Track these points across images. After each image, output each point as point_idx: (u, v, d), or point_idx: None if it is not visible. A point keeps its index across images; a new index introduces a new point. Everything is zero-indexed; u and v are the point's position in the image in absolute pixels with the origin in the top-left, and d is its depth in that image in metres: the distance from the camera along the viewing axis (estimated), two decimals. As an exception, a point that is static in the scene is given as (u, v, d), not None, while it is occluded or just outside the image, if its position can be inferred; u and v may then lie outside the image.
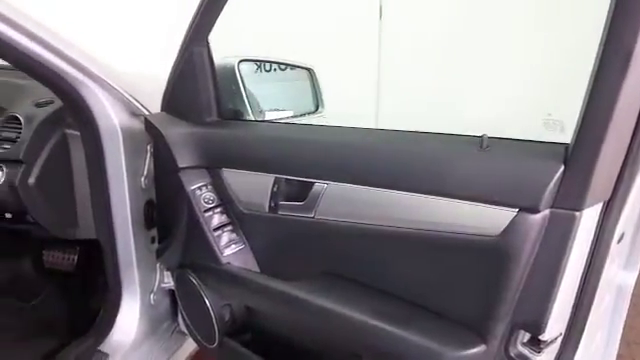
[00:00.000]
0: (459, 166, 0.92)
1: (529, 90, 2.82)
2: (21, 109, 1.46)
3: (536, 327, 0.88)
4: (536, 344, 0.91)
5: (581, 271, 0.88)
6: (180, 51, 1.29)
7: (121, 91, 1.36)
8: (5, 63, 1.22)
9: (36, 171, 1.40)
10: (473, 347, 0.91)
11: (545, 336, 0.89)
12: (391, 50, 3.28)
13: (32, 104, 1.47)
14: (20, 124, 1.43)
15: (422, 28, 3.13)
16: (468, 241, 0.89)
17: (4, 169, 1.40)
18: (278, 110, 1.65)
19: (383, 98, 3.38)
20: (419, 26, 3.14)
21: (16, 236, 1.78)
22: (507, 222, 0.84)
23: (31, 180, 1.39)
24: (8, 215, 1.47)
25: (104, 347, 1.56)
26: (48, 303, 2.05)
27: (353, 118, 1.23)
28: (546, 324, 0.87)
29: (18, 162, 1.39)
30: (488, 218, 0.87)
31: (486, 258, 0.88)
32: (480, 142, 0.91)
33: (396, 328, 0.96)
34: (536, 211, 0.82)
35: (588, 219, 0.82)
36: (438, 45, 3.08)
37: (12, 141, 1.41)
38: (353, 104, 2.76)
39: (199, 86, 1.31)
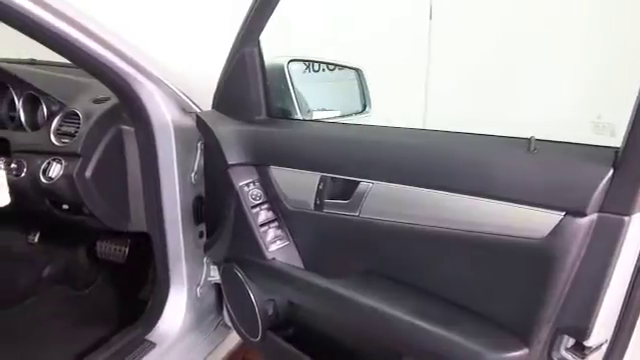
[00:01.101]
0: (506, 168, 0.92)
1: (578, 92, 2.75)
2: (80, 105, 1.52)
3: (581, 332, 0.87)
4: (580, 350, 0.89)
5: (629, 276, 0.86)
6: (232, 51, 1.32)
7: (174, 89, 1.41)
8: (67, 61, 1.28)
9: (92, 165, 1.45)
10: (515, 350, 0.90)
11: (590, 342, 0.87)
12: (440, 50, 3.26)
13: (90, 101, 1.53)
14: (79, 119, 1.48)
15: (472, 28, 3.09)
16: (512, 243, 0.89)
17: (63, 162, 1.46)
18: (326, 110, 1.67)
19: (431, 98, 3.36)
20: (469, 26, 3.10)
21: (72, 227, 1.85)
22: (552, 225, 0.83)
23: (88, 173, 1.45)
24: (65, 206, 1.53)
25: (151, 336, 1.61)
26: (100, 292, 2.13)
27: (401, 118, 1.23)
28: (591, 330, 0.85)
29: (76, 155, 1.44)
30: (533, 220, 0.86)
31: (530, 261, 0.87)
32: (528, 144, 0.90)
33: (438, 328, 0.96)
34: (583, 215, 0.81)
35: (637, 224, 0.80)
36: (488, 46, 3.04)
37: (71, 135, 1.47)
38: (401, 104, 2.76)
39: (249, 85, 1.33)
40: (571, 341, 0.91)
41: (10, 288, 2.02)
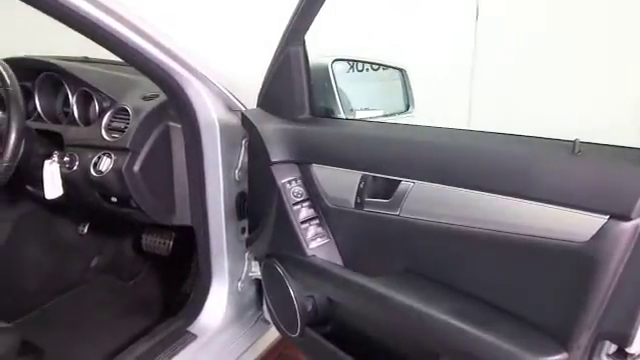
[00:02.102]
0: (549, 169, 0.91)
1: (629, 94, 2.67)
2: (130, 102, 1.56)
3: (623, 339, 0.85)
4: (622, 357, 0.88)
5: None
6: (277, 50, 1.34)
7: (220, 87, 1.44)
8: (118, 59, 1.32)
9: (141, 159, 1.49)
10: (555, 354, 0.89)
11: (633, 349, 0.85)
12: (486, 51, 3.21)
13: (140, 97, 1.57)
14: (128, 115, 1.52)
15: (519, 29, 3.03)
16: (554, 246, 0.87)
17: (112, 156, 1.50)
18: (369, 109, 1.67)
19: (475, 99, 3.31)
20: (516, 27, 3.05)
21: (119, 220, 1.92)
22: (595, 229, 0.82)
23: (136, 167, 1.48)
24: (114, 199, 1.58)
25: (192, 328, 1.65)
26: (144, 284, 2.20)
27: (444, 118, 1.23)
28: (634, 336, 0.83)
29: (125, 150, 1.48)
30: (574, 223, 0.84)
31: (572, 264, 0.86)
32: (572, 146, 0.89)
33: (476, 329, 0.96)
34: (628, 219, 0.79)
35: None
36: (535, 46, 2.98)
37: (121, 131, 1.51)
38: (445, 104, 2.73)
39: (294, 84, 1.35)
40: (613, 347, 0.89)
41: (60, 276, 2.10)
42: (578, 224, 0.84)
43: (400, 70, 1.86)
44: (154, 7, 1.26)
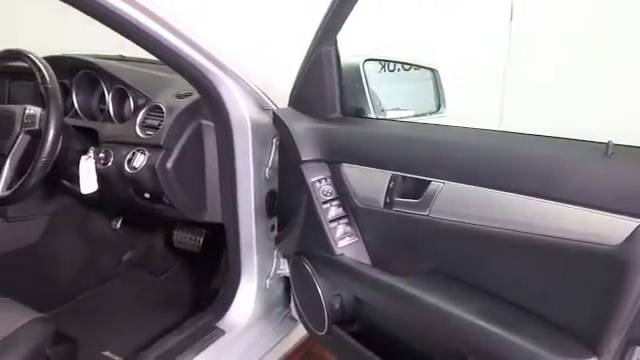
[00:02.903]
0: (581, 171, 0.90)
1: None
2: (164, 100, 1.58)
3: None
4: None
5: None
6: (309, 50, 1.35)
7: (252, 86, 1.45)
8: (152, 58, 1.34)
9: (174, 156, 1.51)
10: (583, 358, 0.88)
11: None
12: (520, 52, 3.17)
13: (174, 95, 1.59)
14: (162, 113, 1.54)
15: (555, 30, 2.98)
16: (584, 248, 0.86)
17: (146, 153, 1.52)
18: (400, 109, 1.67)
19: (508, 101, 3.27)
20: (552, 28, 3.00)
21: (152, 216, 1.96)
22: (627, 232, 0.81)
23: (169, 164, 1.51)
24: (147, 195, 1.60)
25: (221, 324, 1.67)
26: (174, 279, 2.23)
27: (476, 119, 1.21)
28: None
29: (159, 147, 1.50)
30: (606, 226, 0.83)
31: (603, 267, 0.85)
32: (605, 148, 0.88)
33: (504, 331, 0.95)
34: None
35: None
36: (571, 48, 2.93)
37: (155, 128, 1.53)
38: (477, 105, 2.71)
39: (325, 84, 1.36)
40: (644, 353, 0.88)
41: (94, 270, 2.15)
42: (610, 227, 0.83)
43: (432, 70, 1.85)
44: (187, 6, 1.29)
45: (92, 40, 1.71)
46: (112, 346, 1.72)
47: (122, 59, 1.94)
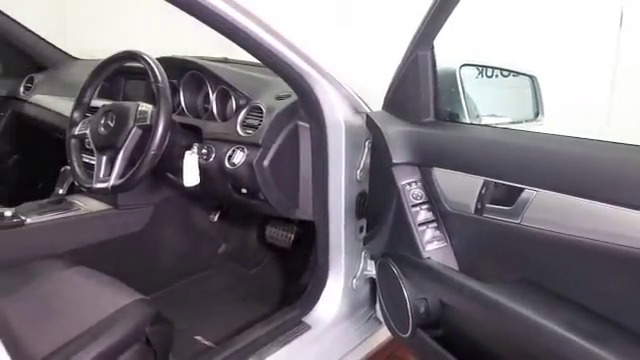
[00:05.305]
0: None
1: None
2: (264, 101, 1.65)
3: None
4: None
5: None
6: (405, 54, 1.37)
7: (348, 89, 1.49)
8: (253, 60, 1.41)
9: (270, 155, 1.57)
10: None
11: None
12: (630, 62, 2.99)
13: (273, 97, 1.65)
14: (262, 113, 1.61)
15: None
16: None
17: (245, 151, 1.59)
18: (496, 116, 1.64)
19: (616, 112, 3.09)
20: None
21: (246, 211, 2.02)
22: None
23: (266, 162, 1.57)
24: (244, 190, 1.67)
25: (307, 319, 1.71)
26: (265, 273, 2.31)
27: (578, 129, 1.17)
28: None
29: (257, 146, 1.56)
30: None
31: None
32: None
33: (593, 345, 0.92)
34: None
35: None
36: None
37: (254, 127, 1.60)
38: (581, 114, 2.59)
39: (420, 88, 1.37)
40: None
41: (192, 259, 2.27)
42: None
43: (530, 77, 1.80)
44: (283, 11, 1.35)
45: (195, 41, 1.82)
46: (204, 332, 1.81)
47: (226, 61, 2.03)
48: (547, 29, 2.94)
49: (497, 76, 1.78)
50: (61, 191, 1.88)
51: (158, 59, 1.61)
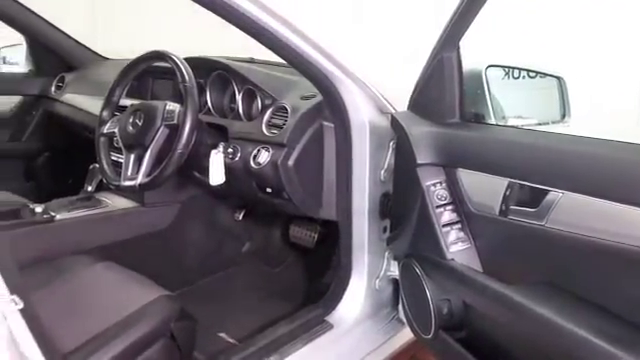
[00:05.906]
0: None
1: None
2: (289, 101, 1.65)
3: None
4: None
5: None
6: (431, 56, 1.37)
7: (374, 90, 1.49)
8: (279, 61, 1.42)
9: (295, 154, 1.57)
10: None
11: None
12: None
13: (298, 97, 1.66)
14: (287, 113, 1.62)
15: None
16: None
17: (270, 150, 1.60)
18: (522, 117, 1.62)
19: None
20: None
21: (271, 210, 2.03)
22: None
23: (290, 162, 1.57)
24: (268, 190, 1.68)
25: (330, 318, 1.72)
26: (289, 272, 2.32)
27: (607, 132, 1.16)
28: None
29: (282, 145, 1.57)
30: None
31: None
32: None
33: (619, 350, 0.91)
34: None
35: None
36: None
37: (279, 127, 1.61)
38: (608, 115, 2.55)
39: (445, 89, 1.37)
40: None
41: (217, 257, 2.30)
42: None
43: (558, 78, 1.78)
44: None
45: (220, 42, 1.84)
46: (228, 329, 1.83)
47: (252, 61, 2.04)
48: (574, 29, 2.90)
49: (524, 77, 1.76)
50: (90, 188, 1.91)
51: (185, 59, 1.63)
